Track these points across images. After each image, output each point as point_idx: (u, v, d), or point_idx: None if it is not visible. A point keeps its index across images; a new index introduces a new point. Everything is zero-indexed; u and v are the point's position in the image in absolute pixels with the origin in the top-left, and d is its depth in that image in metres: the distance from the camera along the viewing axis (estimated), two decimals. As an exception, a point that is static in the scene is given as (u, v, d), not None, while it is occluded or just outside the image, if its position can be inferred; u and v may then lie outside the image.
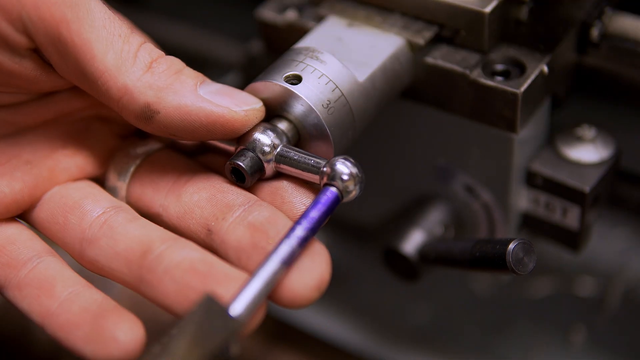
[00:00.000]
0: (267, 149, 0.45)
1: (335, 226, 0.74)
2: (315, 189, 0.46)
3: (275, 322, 0.70)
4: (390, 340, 0.68)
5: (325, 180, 0.44)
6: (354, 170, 0.43)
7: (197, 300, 0.40)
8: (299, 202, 0.45)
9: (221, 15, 0.82)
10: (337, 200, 0.43)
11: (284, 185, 0.46)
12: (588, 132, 0.55)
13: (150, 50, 0.44)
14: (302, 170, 0.45)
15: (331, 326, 0.69)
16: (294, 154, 0.45)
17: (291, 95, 0.46)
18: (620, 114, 0.65)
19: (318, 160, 0.44)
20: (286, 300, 0.41)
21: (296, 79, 0.46)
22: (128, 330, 0.42)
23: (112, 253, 0.44)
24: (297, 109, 0.46)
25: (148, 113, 0.43)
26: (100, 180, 0.49)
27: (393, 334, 0.68)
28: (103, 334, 0.42)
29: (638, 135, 0.65)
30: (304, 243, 0.42)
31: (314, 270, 0.42)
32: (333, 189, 0.43)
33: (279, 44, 0.55)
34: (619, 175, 0.56)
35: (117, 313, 0.43)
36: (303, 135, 0.47)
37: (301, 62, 0.47)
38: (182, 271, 0.42)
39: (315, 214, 0.43)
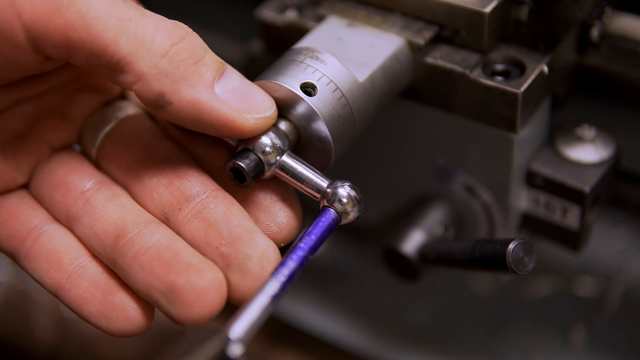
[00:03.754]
0: (269, 150, 0.45)
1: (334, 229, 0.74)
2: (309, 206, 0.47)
3: (275, 322, 0.70)
4: (390, 340, 0.68)
5: (324, 202, 0.45)
6: (353, 193, 0.45)
7: (212, 340, 0.41)
8: (283, 222, 0.46)
9: (221, 15, 0.82)
10: (335, 223, 0.45)
11: (274, 203, 0.46)
12: (588, 132, 0.55)
13: (170, 32, 0.43)
14: (303, 184, 0.45)
15: (331, 326, 0.69)
16: (298, 165, 0.46)
17: (293, 98, 0.46)
18: (620, 114, 0.65)
19: (321, 179, 0.45)
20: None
21: (311, 88, 0.46)
22: (137, 305, 0.44)
23: (91, 233, 0.46)
24: (299, 111, 0.46)
25: (161, 102, 0.42)
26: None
27: (393, 334, 0.68)
28: (114, 310, 0.44)
29: (638, 135, 0.65)
30: (304, 264, 0.43)
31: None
32: (332, 212, 0.45)
33: (279, 44, 0.55)
34: (619, 175, 0.56)
35: (125, 288, 0.44)
36: (303, 137, 0.47)
37: (301, 62, 0.47)
38: (149, 258, 0.43)
39: (314, 235, 0.44)
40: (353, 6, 0.52)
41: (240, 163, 0.45)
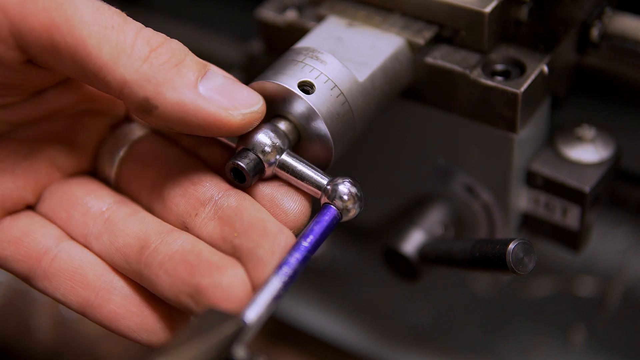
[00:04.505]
0: (268, 149, 0.45)
1: (336, 226, 0.74)
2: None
3: (275, 322, 0.70)
4: (390, 340, 0.68)
5: (325, 199, 0.45)
6: (354, 190, 0.45)
7: (199, 314, 0.42)
8: (294, 209, 0.46)
9: (221, 15, 0.82)
10: (336, 220, 0.45)
11: (280, 193, 0.46)
12: (588, 132, 0.55)
13: (149, 39, 0.43)
14: (303, 182, 0.46)
15: (331, 326, 0.69)
16: (298, 163, 0.46)
17: (293, 98, 0.46)
18: (620, 114, 0.65)
19: (321, 176, 0.45)
20: None
21: (309, 86, 0.46)
22: (173, 315, 0.45)
23: (112, 249, 0.46)
24: (298, 109, 0.46)
25: (147, 107, 0.42)
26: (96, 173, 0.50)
27: (393, 334, 0.68)
28: (155, 323, 0.45)
29: (638, 135, 0.65)
30: (306, 262, 0.43)
31: None
32: (333, 209, 0.45)
33: (279, 44, 0.55)
34: (619, 175, 0.56)
35: (159, 300, 0.45)
36: (303, 137, 0.47)
37: (301, 62, 0.47)
38: (174, 264, 0.43)
39: (316, 232, 0.44)
40: (353, 6, 0.52)
41: (239, 163, 0.45)
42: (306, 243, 0.43)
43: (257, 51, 0.58)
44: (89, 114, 0.49)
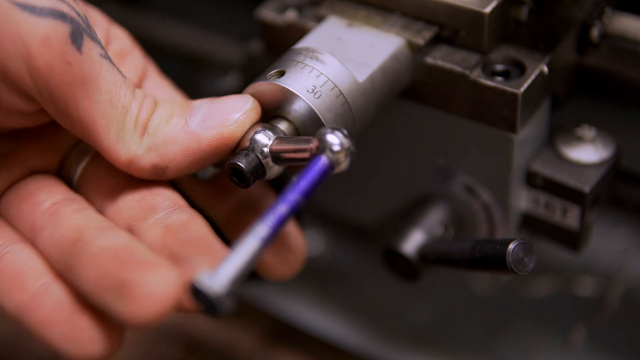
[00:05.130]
0: (266, 149, 0.45)
1: (336, 226, 0.74)
2: None
3: (275, 322, 0.70)
4: (390, 340, 0.68)
5: (315, 150, 0.43)
6: (345, 141, 0.42)
7: None
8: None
9: (221, 15, 0.82)
10: (328, 170, 0.42)
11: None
12: (588, 132, 0.55)
13: (147, 107, 0.44)
14: (295, 150, 0.44)
15: (331, 326, 0.69)
16: (285, 139, 0.45)
17: (293, 98, 0.46)
18: (620, 114, 0.65)
19: (309, 137, 0.44)
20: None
21: (311, 88, 0.46)
22: (104, 328, 0.42)
23: (51, 241, 0.44)
24: (297, 110, 0.46)
25: (158, 171, 0.44)
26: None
27: (393, 334, 0.68)
28: (80, 332, 0.42)
29: (638, 135, 0.65)
30: (295, 208, 0.41)
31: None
32: (324, 158, 0.42)
33: (279, 44, 0.55)
34: (619, 175, 0.56)
35: (91, 311, 0.42)
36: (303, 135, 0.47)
37: (301, 62, 0.47)
38: (105, 257, 0.41)
39: (305, 181, 0.42)
40: (353, 6, 0.52)
41: (237, 162, 0.45)
42: (295, 192, 0.41)
43: (257, 51, 0.58)
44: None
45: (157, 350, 0.68)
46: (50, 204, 0.46)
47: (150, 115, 0.44)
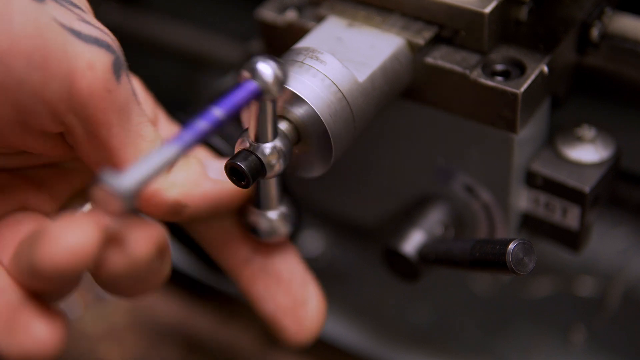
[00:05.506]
0: (267, 150, 0.45)
1: (336, 226, 0.74)
2: None
3: (275, 322, 0.70)
4: (390, 340, 0.68)
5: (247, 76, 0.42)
6: (279, 73, 0.42)
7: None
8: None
9: (221, 15, 0.82)
10: (256, 93, 0.42)
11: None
12: (588, 132, 0.55)
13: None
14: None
15: (331, 326, 0.69)
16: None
17: (294, 98, 0.46)
18: (620, 114, 0.65)
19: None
20: None
21: (309, 89, 0.46)
22: (45, 325, 0.41)
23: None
24: (300, 111, 0.46)
25: (178, 209, 0.46)
26: None
27: (393, 334, 0.68)
28: (18, 327, 0.41)
29: (638, 135, 0.65)
30: (217, 125, 0.40)
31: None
32: (254, 83, 0.42)
33: (279, 44, 0.55)
34: (619, 175, 0.56)
35: (37, 308, 0.42)
36: (303, 137, 0.47)
37: (301, 62, 0.47)
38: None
39: (230, 101, 0.41)
40: (353, 6, 0.52)
41: (237, 162, 0.45)
42: (215, 112, 0.40)
43: (257, 51, 0.58)
44: (73, 167, 0.49)
45: (157, 350, 0.68)
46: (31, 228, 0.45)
47: (184, 159, 0.46)
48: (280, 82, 0.42)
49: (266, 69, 0.42)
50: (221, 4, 0.84)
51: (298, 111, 0.46)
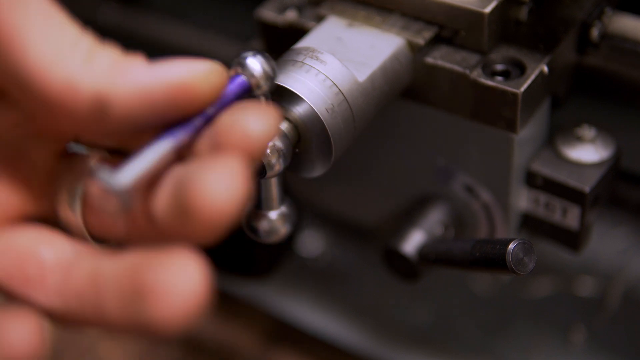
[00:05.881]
0: (267, 150, 0.45)
1: (336, 226, 0.74)
2: None
3: (275, 322, 0.70)
4: (390, 340, 0.68)
5: (237, 70, 0.41)
6: (267, 66, 0.41)
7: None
8: None
9: (221, 15, 0.82)
10: (246, 88, 0.40)
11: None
12: (588, 132, 0.55)
13: (94, 39, 0.37)
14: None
15: (331, 326, 0.69)
16: None
17: (293, 98, 0.46)
18: (620, 114, 0.65)
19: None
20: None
21: (309, 88, 0.46)
22: (20, 326, 0.36)
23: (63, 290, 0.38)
24: (299, 111, 0.46)
25: (98, 107, 0.35)
26: (48, 216, 0.41)
27: (393, 334, 0.68)
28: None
29: (638, 135, 0.65)
30: (210, 119, 0.39)
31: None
32: (242, 77, 0.41)
33: (279, 44, 0.55)
34: (619, 175, 0.56)
35: (13, 310, 0.37)
36: (303, 137, 0.47)
37: (301, 62, 0.47)
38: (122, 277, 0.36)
39: (221, 99, 0.39)
40: (353, 6, 0.52)
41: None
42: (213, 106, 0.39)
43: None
44: (31, 138, 0.40)
45: (157, 350, 0.68)
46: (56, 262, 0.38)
47: (100, 49, 0.36)
48: (269, 76, 0.42)
49: (254, 63, 0.41)
50: (221, 4, 0.84)
51: (298, 111, 0.46)
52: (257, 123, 0.36)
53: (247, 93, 0.42)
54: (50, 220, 0.40)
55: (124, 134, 0.38)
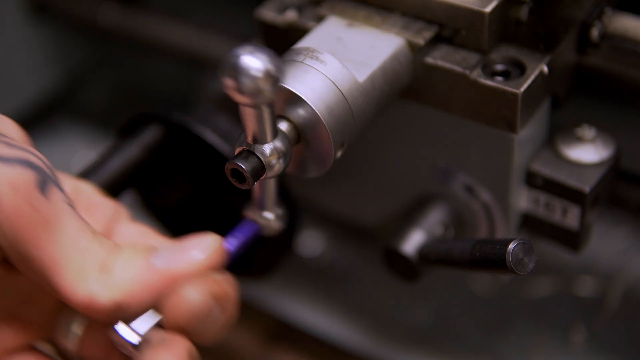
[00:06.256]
0: (267, 150, 0.45)
1: (336, 226, 0.74)
2: None
3: (275, 322, 0.70)
4: (390, 340, 0.68)
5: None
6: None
7: None
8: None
9: (221, 15, 0.82)
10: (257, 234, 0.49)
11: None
12: (588, 132, 0.55)
13: (110, 251, 0.43)
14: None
15: (331, 326, 0.69)
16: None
17: (294, 98, 0.46)
18: (620, 114, 0.65)
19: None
20: None
21: (310, 89, 0.46)
22: None
23: None
24: (299, 111, 0.46)
25: (118, 310, 0.42)
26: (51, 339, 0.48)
27: (393, 334, 0.68)
28: None
29: (638, 135, 0.65)
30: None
31: None
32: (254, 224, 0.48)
33: (279, 44, 0.55)
34: (619, 175, 0.56)
35: None
36: (303, 137, 0.47)
37: (301, 62, 0.47)
38: None
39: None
40: (353, 6, 0.52)
41: (238, 163, 0.45)
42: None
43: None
44: (40, 293, 0.47)
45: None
46: None
47: (114, 258, 0.43)
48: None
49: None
50: (221, 4, 0.84)
51: (298, 111, 0.46)
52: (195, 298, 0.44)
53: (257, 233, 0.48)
54: (51, 340, 0.48)
55: None
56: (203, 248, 0.43)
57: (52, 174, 0.43)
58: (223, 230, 0.48)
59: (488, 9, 0.49)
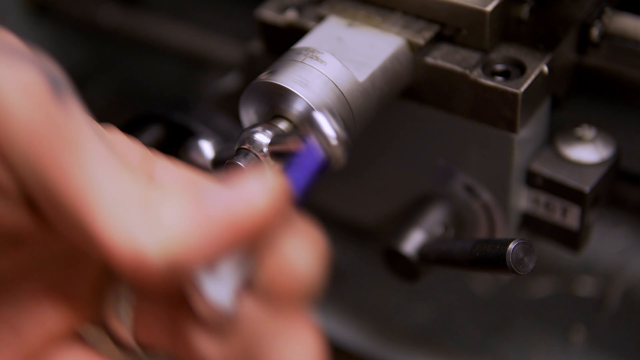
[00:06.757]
0: (266, 149, 0.45)
1: (335, 226, 0.74)
2: None
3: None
4: (390, 340, 0.68)
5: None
6: (341, 132, 0.36)
7: None
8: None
9: (221, 15, 0.82)
10: (325, 165, 0.36)
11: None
12: (588, 132, 0.55)
13: (156, 191, 0.33)
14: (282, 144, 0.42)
15: (331, 326, 0.69)
16: (284, 135, 0.44)
17: (293, 98, 0.46)
18: (620, 114, 0.65)
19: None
20: None
21: (310, 88, 0.46)
22: None
23: None
24: (298, 110, 0.46)
25: (173, 273, 0.32)
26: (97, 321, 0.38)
27: (393, 334, 0.68)
28: None
29: (638, 135, 0.65)
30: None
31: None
32: (320, 151, 0.36)
33: (279, 44, 0.55)
34: (619, 175, 0.56)
35: None
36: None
37: (301, 62, 0.47)
38: None
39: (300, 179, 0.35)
40: (353, 6, 0.52)
41: (237, 162, 0.45)
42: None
43: (257, 51, 0.58)
44: (81, 257, 0.37)
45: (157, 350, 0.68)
46: None
47: (159, 200, 0.33)
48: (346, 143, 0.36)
49: (329, 130, 0.36)
50: (221, 4, 0.84)
51: (298, 111, 0.46)
52: (303, 261, 0.36)
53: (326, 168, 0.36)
54: (99, 323, 0.38)
55: None
56: (262, 187, 0.33)
57: (66, 83, 0.33)
58: None
59: (489, 7, 0.49)
